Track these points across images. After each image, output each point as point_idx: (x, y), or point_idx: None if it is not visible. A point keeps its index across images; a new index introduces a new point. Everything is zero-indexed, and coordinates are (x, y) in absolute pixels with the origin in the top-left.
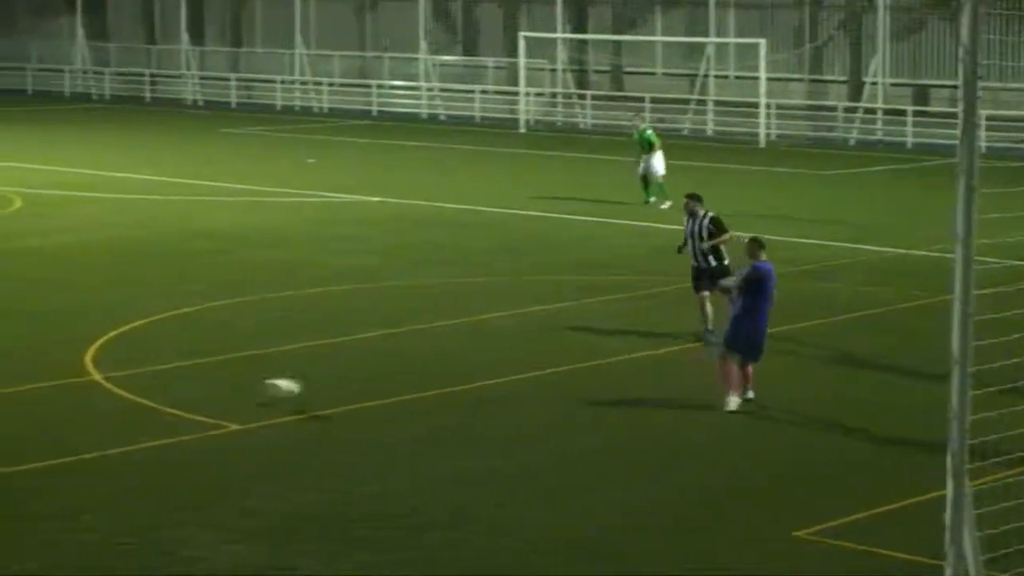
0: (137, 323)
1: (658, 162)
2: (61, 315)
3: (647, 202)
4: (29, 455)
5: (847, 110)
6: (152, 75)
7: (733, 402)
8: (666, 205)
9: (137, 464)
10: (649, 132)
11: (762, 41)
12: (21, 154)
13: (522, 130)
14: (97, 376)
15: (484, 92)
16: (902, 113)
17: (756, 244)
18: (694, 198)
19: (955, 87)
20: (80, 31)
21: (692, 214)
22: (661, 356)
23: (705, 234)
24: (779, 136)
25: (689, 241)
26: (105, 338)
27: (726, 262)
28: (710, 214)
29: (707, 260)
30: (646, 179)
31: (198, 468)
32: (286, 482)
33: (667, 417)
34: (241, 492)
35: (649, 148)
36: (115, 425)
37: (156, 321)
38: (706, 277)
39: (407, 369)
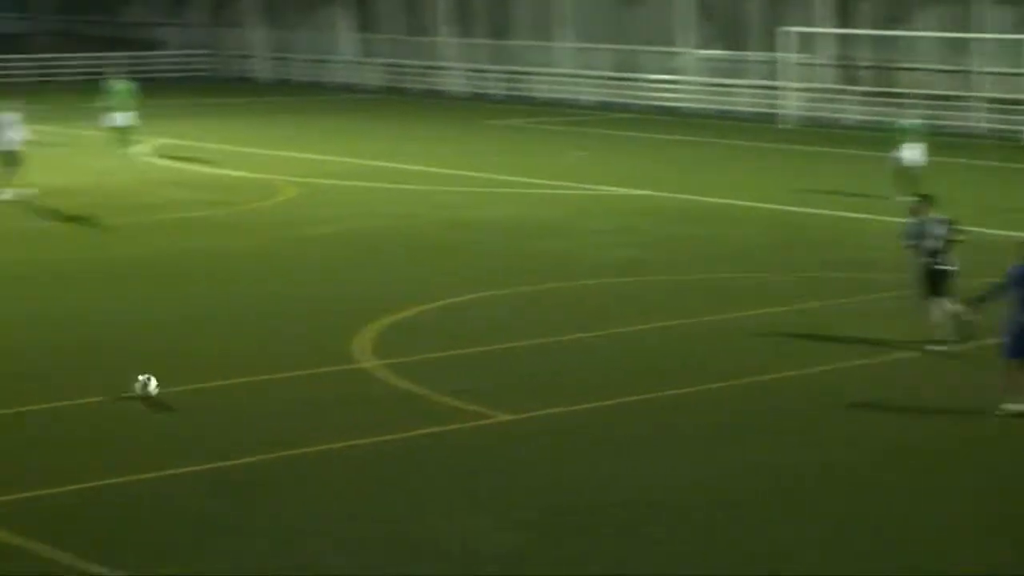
0: (407, 312)
1: (916, 154)
2: (333, 302)
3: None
4: (312, 438)
5: None
6: (416, 66)
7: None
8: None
9: (410, 451)
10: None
11: None
12: (291, 143)
13: (785, 125)
14: (370, 363)
15: (747, 87)
16: None
17: None
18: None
19: None
20: (346, 23)
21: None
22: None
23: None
24: None
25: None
26: (376, 326)
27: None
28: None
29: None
30: (906, 173)
31: (469, 455)
32: (559, 473)
33: (944, 419)
34: (512, 480)
35: (909, 140)
36: (387, 412)
37: (426, 310)
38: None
39: (682, 365)
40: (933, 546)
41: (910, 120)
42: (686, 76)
